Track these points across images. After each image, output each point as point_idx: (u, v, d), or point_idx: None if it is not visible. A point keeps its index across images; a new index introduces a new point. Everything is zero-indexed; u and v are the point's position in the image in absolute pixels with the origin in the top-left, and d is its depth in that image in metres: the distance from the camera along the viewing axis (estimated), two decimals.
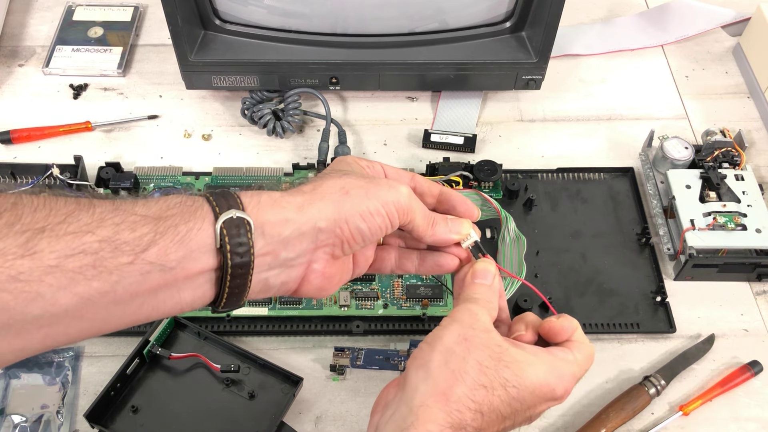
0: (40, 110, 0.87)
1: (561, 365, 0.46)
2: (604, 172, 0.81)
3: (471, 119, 0.87)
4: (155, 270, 0.39)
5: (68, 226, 0.37)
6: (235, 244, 0.41)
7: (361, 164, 0.51)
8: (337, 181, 0.46)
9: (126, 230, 0.38)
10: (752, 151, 0.84)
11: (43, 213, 0.36)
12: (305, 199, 0.44)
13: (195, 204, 0.41)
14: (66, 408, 0.64)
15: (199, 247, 0.40)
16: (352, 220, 0.45)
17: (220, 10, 0.79)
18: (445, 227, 0.50)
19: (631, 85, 0.92)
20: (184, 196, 0.42)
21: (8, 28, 0.95)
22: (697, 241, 0.70)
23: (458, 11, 0.79)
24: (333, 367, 0.66)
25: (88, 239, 0.37)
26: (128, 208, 0.39)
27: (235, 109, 0.87)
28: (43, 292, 0.36)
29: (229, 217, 0.41)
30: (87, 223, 0.37)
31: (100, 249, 0.37)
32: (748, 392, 0.67)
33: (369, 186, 0.46)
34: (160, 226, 0.39)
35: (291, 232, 0.43)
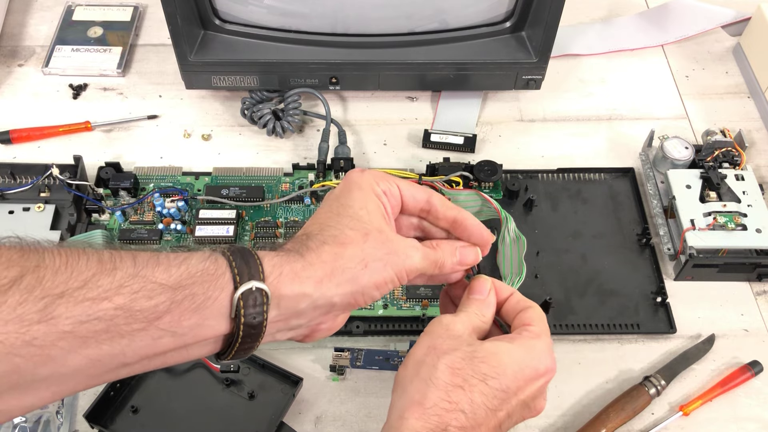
0: (39, 110, 0.87)
1: (532, 343, 0.47)
2: (604, 173, 0.81)
3: (471, 119, 0.87)
4: (166, 335, 0.39)
5: (87, 291, 0.37)
6: (250, 315, 0.41)
7: (378, 191, 0.49)
8: (358, 250, 0.45)
9: (143, 298, 0.38)
10: (752, 151, 0.84)
11: (63, 276, 0.37)
12: (325, 273, 0.44)
13: (217, 271, 0.41)
14: (66, 408, 0.64)
15: (214, 316, 0.41)
16: (367, 291, 0.46)
17: (219, 9, 0.78)
18: (452, 262, 0.51)
19: (631, 85, 0.92)
20: (209, 259, 0.42)
21: (8, 28, 0.95)
22: (697, 241, 0.70)
23: (458, 11, 0.79)
24: (333, 367, 0.66)
25: (104, 306, 0.37)
26: (148, 275, 0.39)
27: (234, 109, 0.87)
28: (54, 355, 0.36)
29: (248, 288, 0.41)
30: (106, 289, 0.37)
31: (114, 316, 0.37)
32: (748, 392, 0.67)
33: (387, 258, 0.46)
34: (178, 294, 0.39)
35: (306, 306, 0.44)
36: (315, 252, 0.44)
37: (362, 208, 0.47)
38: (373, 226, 0.47)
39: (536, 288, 0.72)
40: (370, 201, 0.48)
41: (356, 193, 0.49)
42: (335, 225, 0.47)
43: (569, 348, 0.69)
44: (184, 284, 0.40)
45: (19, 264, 0.36)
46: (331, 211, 0.48)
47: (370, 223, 0.47)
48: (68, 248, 0.38)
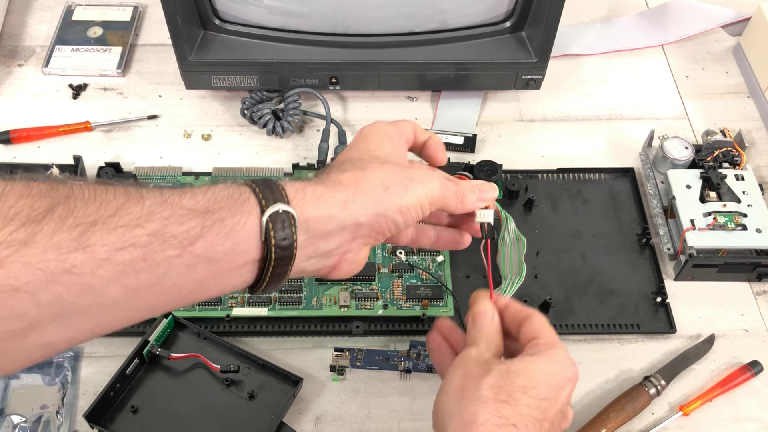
0: (39, 110, 0.87)
1: (552, 352, 0.47)
2: (604, 173, 0.81)
3: (471, 119, 0.87)
4: (201, 262, 0.40)
5: (119, 219, 0.37)
6: (280, 237, 0.42)
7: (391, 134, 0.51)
8: (378, 174, 0.47)
9: (174, 224, 0.39)
10: (752, 151, 0.84)
11: (94, 206, 0.37)
12: (348, 195, 0.45)
13: (242, 196, 0.42)
14: (65, 408, 0.64)
15: (245, 240, 0.41)
16: (390, 215, 0.47)
17: (219, 9, 0.78)
18: (473, 198, 0.52)
19: (631, 85, 0.92)
20: (231, 186, 0.43)
21: (8, 28, 0.95)
22: (697, 241, 0.70)
23: (458, 11, 0.79)
24: (333, 367, 0.66)
25: (138, 233, 0.37)
26: (176, 201, 0.40)
27: (234, 109, 0.87)
28: (94, 284, 0.36)
29: (275, 210, 0.42)
30: (137, 216, 0.38)
31: (149, 242, 0.38)
32: (748, 392, 0.67)
33: (407, 183, 0.47)
34: (207, 219, 0.40)
35: (333, 228, 0.45)
36: (336, 179, 0.46)
37: (378, 149, 0.50)
38: (390, 159, 0.49)
39: (536, 288, 0.72)
40: (385, 143, 0.50)
41: (371, 137, 0.51)
42: (354, 160, 0.48)
43: (569, 348, 0.68)
44: (212, 209, 0.40)
45: (49, 195, 0.36)
46: (349, 153, 0.50)
47: (388, 157, 0.49)
48: (95, 183, 0.38)
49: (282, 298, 0.70)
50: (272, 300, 0.70)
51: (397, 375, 0.67)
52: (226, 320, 0.69)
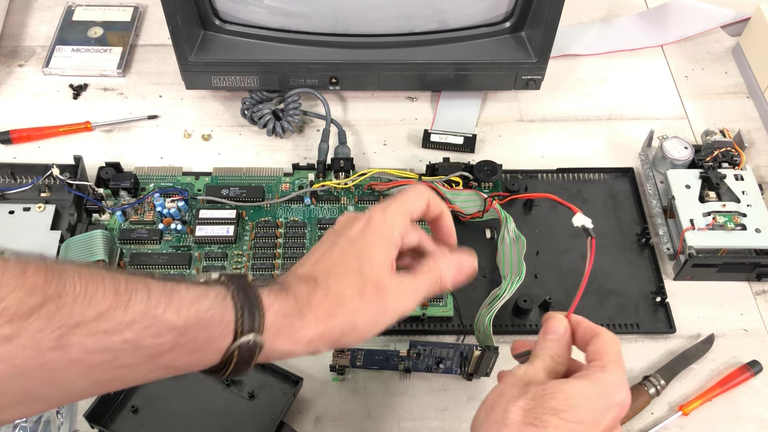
0: (39, 110, 0.87)
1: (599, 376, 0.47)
2: (603, 172, 0.81)
3: (471, 119, 0.87)
4: (162, 368, 0.42)
5: (100, 323, 0.38)
6: (241, 360, 0.44)
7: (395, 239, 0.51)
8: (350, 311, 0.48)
9: (150, 336, 0.40)
10: (752, 151, 0.84)
11: (81, 305, 0.38)
12: (317, 333, 0.47)
13: (223, 321, 0.43)
14: (66, 408, 0.64)
15: (209, 355, 0.44)
16: (348, 343, 0.49)
17: (219, 10, 0.79)
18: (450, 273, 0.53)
19: (630, 85, 0.92)
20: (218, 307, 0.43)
21: (8, 28, 0.95)
22: (696, 241, 0.70)
23: (458, 11, 0.79)
24: (333, 367, 0.66)
25: (114, 339, 0.39)
26: (159, 314, 0.41)
27: (235, 109, 0.87)
28: (61, 378, 0.38)
29: (246, 340, 0.44)
30: (118, 322, 0.39)
31: (122, 349, 0.39)
32: (748, 392, 0.67)
33: (377, 319, 0.49)
34: (183, 337, 0.42)
35: (289, 357, 0.47)
36: (314, 311, 0.47)
37: (369, 261, 0.49)
38: (372, 280, 0.49)
39: (536, 288, 0.72)
40: (381, 251, 0.50)
41: (371, 239, 0.50)
42: (340, 276, 0.48)
43: None
44: (190, 327, 0.42)
45: (42, 291, 0.37)
46: (343, 254, 0.50)
47: (371, 277, 0.49)
48: (89, 273, 0.39)
49: None
50: None
51: (397, 375, 0.67)
52: None
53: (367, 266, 0.49)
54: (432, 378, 0.67)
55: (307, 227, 0.75)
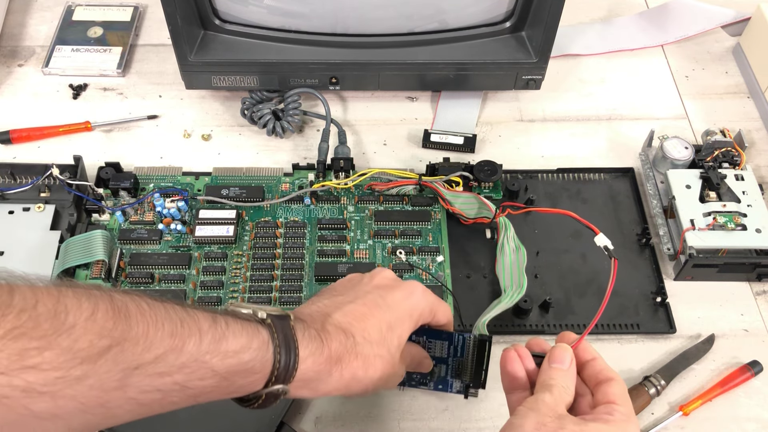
0: (39, 110, 0.87)
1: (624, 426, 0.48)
2: (604, 173, 0.81)
3: (471, 119, 0.87)
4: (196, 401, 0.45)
5: (156, 366, 0.41)
6: (264, 404, 0.48)
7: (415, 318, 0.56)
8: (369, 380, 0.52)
9: (197, 379, 0.43)
10: (752, 151, 0.84)
11: (141, 348, 0.40)
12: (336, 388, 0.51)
13: (263, 371, 0.46)
14: None
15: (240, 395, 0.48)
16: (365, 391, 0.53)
17: (219, 10, 0.78)
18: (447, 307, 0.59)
19: (631, 85, 0.92)
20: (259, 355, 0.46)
21: (8, 28, 0.95)
22: (697, 241, 0.70)
23: (458, 11, 0.79)
24: None
25: (166, 380, 0.42)
26: (208, 360, 0.43)
27: (234, 109, 0.87)
28: (117, 414, 0.41)
29: (275, 389, 0.47)
30: (171, 365, 0.42)
31: (171, 390, 0.42)
32: (748, 392, 0.67)
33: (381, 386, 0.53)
34: (224, 382, 0.44)
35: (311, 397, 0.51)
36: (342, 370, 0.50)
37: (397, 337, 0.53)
38: (392, 356, 0.53)
39: (536, 288, 0.72)
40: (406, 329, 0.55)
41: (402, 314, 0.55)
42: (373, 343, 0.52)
43: None
44: (234, 374, 0.45)
45: (110, 335, 0.39)
46: (380, 322, 0.53)
47: (390, 353, 0.53)
48: (151, 314, 0.42)
49: (282, 298, 0.70)
50: (272, 300, 0.70)
51: None
52: None
53: (395, 343, 0.53)
54: None
55: (307, 227, 0.75)
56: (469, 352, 0.60)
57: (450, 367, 0.61)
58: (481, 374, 0.60)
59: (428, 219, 0.76)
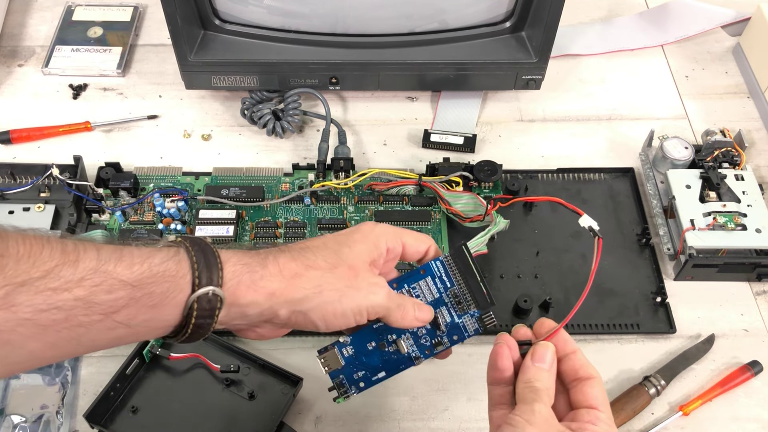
0: (39, 110, 0.87)
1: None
2: (604, 173, 0.81)
3: (471, 119, 0.87)
4: (121, 327, 0.41)
5: (49, 281, 0.38)
6: (202, 316, 0.44)
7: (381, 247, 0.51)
8: (318, 275, 0.47)
9: (102, 292, 0.40)
10: (752, 151, 0.84)
11: (26, 265, 0.38)
12: (279, 287, 0.46)
13: (178, 273, 0.43)
14: (66, 408, 0.64)
15: (168, 312, 0.43)
16: (311, 315, 0.48)
17: (219, 10, 0.78)
18: (412, 314, 0.52)
19: (631, 85, 0.92)
20: (171, 258, 0.43)
21: (8, 28, 0.95)
22: (697, 241, 0.70)
23: (458, 11, 0.79)
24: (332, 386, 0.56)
25: (65, 296, 0.39)
26: (110, 269, 0.40)
27: (234, 109, 0.87)
28: (13, 339, 0.38)
29: (205, 292, 0.43)
30: (67, 280, 0.39)
31: (74, 306, 0.39)
32: (748, 392, 0.67)
33: (345, 291, 0.48)
34: (137, 291, 0.41)
35: (253, 312, 0.46)
36: (279, 266, 0.47)
37: (348, 247, 0.50)
38: (347, 262, 0.49)
39: (536, 288, 0.72)
40: (362, 245, 0.50)
41: (356, 236, 0.51)
42: (315, 251, 0.49)
43: None
44: (145, 283, 0.41)
45: None
46: (323, 241, 0.50)
47: (346, 259, 0.49)
48: (33, 236, 0.39)
49: None
50: None
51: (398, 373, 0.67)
52: None
53: (346, 251, 0.49)
54: (432, 379, 0.67)
55: (306, 227, 0.75)
56: (456, 273, 0.54)
57: (449, 305, 0.54)
58: (481, 290, 0.54)
59: (428, 219, 0.76)
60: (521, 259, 0.74)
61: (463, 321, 0.54)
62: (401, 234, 0.53)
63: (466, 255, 0.54)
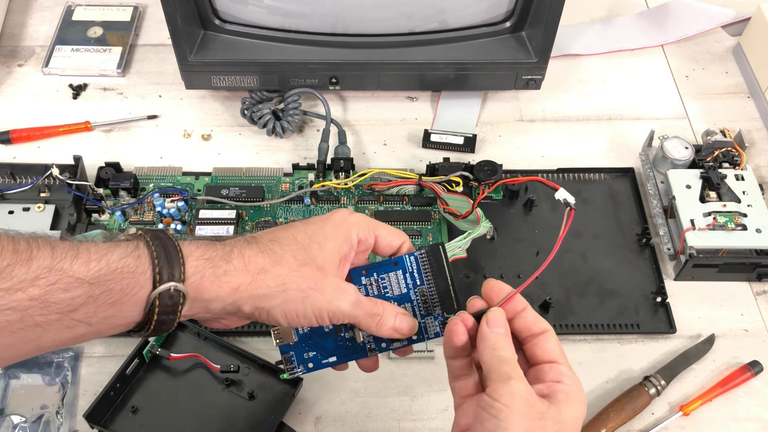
0: (39, 110, 0.87)
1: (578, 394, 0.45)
2: (604, 172, 0.81)
3: (471, 119, 0.87)
4: (81, 325, 0.40)
5: (1, 282, 0.37)
6: (164, 312, 0.42)
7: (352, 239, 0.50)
8: (284, 272, 0.46)
9: (58, 291, 0.39)
10: (752, 151, 0.84)
11: None
12: (243, 282, 0.45)
13: (138, 269, 0.42)
14: (65, 408, 0.64)
15: (130, 309, 0.42)
16: (273, 312, 0.46)
17: (219, 10, 0.78)
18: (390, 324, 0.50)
19: (631, 85, 0.92)
20: (130, 255, 0.42)
21: (8, 28, 0.95)
22: (697, 241, 0.70)
23: (458, 11, 0.79)
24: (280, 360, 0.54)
25: (18, 296, 0.37)
26: (66, 267, 0.39)
27: (234, 109, 0.87)
28: None
29: (166, 288, 0.42)
30: (21, 280, 0.38)
31: (29, 306, 0.38)
32: (748, 392, 0.67)
33: (309, 292, 0.47)
34: (96, 289, 0.40)
35: (216, 307, 0.45)
36: (244, 260, 0.45)
37: (318, 243, 0.48)
38: (316, 261, 0.47)
39: (536, 288, 0.72)
40: (334, 241, 0.49)
41: (328, 229, 0.49)
42: (283, 245, 0.47)
43: (569, 348, 0.69)
44: (103, 280, 0.40)
45: None
46: (292, 233, 0.49)
47: (315, 258, 0.47)
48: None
49: None
50: None
51: (398, 374, 0.67)
52: None
53: (316, 248, 0.48)
54: (432, 379, 0.67)
55: None
56: (428, 271, 0.52)
57: (415, 303, 0.52)
58: (450, 294, 0.52)
59: (428, 219, 0.76)
60: (521, 259, 0.74)
61: (426, 322, 0.52)
62: (375, 226, 0.51)
63: (441, 255, 0.52)
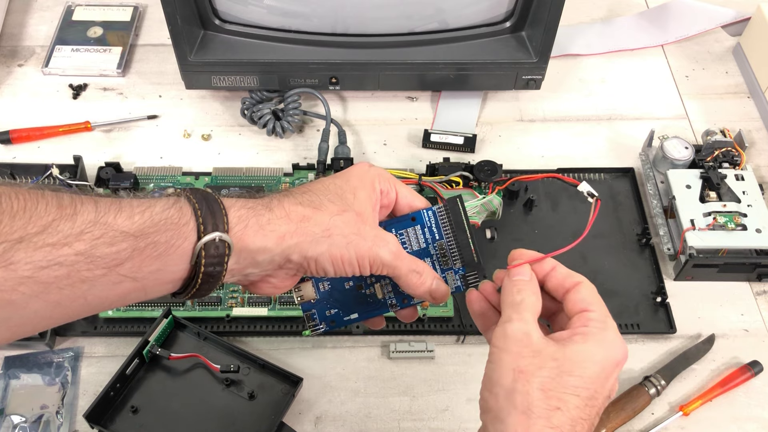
0: (39, 110, 0.87)
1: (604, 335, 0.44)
2: (604, 173, 0.81)
3: (471, 119, 0.87)
4: (127, 280, 0.40)
5: (47, 237, 0.37)
6: (211, 264, 0.42)
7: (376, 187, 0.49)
8: (327, 218, 0.46)
9: (104, 245, 0.38)
10: (752, 151, 0.84)
11: (22, 221, 0.36)
12: (289, 230, 0.45)
13: (181, 220, 0.41)
14: (65, 408, 0.64)
15: (176, 262, 0.41)
16: (321, 260, 0.46)
17: (219, 9, 0.78)
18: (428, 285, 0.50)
19: (631, 85, 0.92)
20: (173, 206, 0.42)
21: (8, 28, 0.95)
22: (697, 241, 0.70)
23: (458, 11, 0.79)
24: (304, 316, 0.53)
25: (65, 251, 0.37)
26: (110, 221, 0.39)
27: (234, 109, 0.87)
28: (14, 299, 0.36)
29: (212, 238, 0.41)
30: (66, 234, 0.37)
31: (76, 261, 0.37)
32: (748, 392, 0.67)
33: (352, 237, 0.46)
34: (140, 242, 0.40)
35: (264, 258, 0.45)
36: (288, 208, 0.45)
37: (351, 193, 0.48)
38: (354, 208, 0.47)
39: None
40: (363, 190, 0.48)
41: (354, 181, 0.49)
42: (318, 194, 0.47)
43: None
44: (147, 232, 0.40)
45: None
46: (323, 184, 0.49)
47: (353, 205, 0.47)
48: (27, 191, 0.38)
49: (282, 298, 0.70)
50: (272, 300, 0.70)
51: (398, 374, 0.67)
52: (226, 320, 0.69)
53: (350, 197, 0.47)
54: (432, 379, 0.67)
55: None
56: (446, 225, 0.52)
57: (435, 258, 0.52)
58: (469, 247, 0.51)
59: None
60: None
61: (446, 276, 0.52)
62: (395, 181, 0.51)
63: (460, 209, 0.51)
